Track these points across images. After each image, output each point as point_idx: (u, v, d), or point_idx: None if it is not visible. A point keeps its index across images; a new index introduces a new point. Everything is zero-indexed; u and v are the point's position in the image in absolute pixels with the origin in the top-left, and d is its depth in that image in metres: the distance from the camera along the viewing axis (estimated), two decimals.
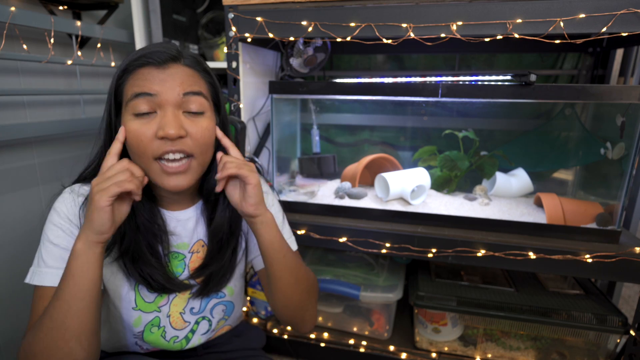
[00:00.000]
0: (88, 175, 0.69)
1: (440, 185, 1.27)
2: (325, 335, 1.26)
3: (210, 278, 0.73)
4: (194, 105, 0.62)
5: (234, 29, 1.07)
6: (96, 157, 0.68)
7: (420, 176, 1.21)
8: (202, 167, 0.65)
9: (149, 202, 0.67)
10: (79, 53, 1.27)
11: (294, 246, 0.79)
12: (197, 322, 0.75)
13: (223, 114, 0.69)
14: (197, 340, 0.76)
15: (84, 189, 0.66)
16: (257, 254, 0.80)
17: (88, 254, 0.55)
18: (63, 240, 0.62)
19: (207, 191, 0.71)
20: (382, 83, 1.07)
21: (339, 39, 1.00)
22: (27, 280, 0.62)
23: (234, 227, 0.73)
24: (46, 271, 0.61)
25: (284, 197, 1.25)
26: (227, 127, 0.71)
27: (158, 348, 0.74)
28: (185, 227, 0.71)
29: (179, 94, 0.60)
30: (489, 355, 1.15)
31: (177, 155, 0.61)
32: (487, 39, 0.93)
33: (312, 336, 1.26)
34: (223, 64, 1.19)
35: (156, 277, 0.66)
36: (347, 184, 1.25)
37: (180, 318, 0.73)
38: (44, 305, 0.59)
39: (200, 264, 0.72)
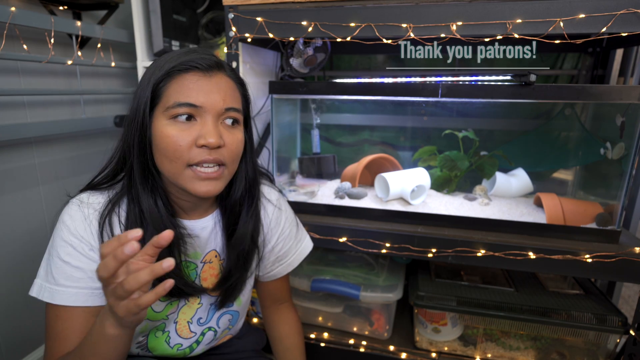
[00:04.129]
0: (104, 179, 0.67)
1: (440, 185, 1.27)
2: (325, 335, 1.26)
3: (229, 290, 0.73)
4: (232, 117, 0.63)
5: (234, 29, 1.07)
6: (111, 160, 0.66)
7: (420, 176, 1.21)
8: (231, 176, 0.66)
9: (167, 213, 0.66)
10: (79, 53, 1.27)
11: (309, 245, 0.86)
12: (202, 333, 0.75)
13: (250, 128, 0.70)
14: (200, 349, 0.76)
15: (93, 199, 0.64)
16: (267, 272, 0.81)
17: (122, 337, 0.52)
18: (74, 259, 0.60)
19: (230, 203, 0.71)
20: (382, 83, 1.07)
21: (339, 39, 1.00)
22: (35, 294, 0.61)
23: (255, 238, 0.74)
24: (58, 289, 0.60)
25: None
26: (253, 139, 0.72)
27: (161, 355, 0.74)
28: (200, 236, 0.71)
29: (222, 107, 0.60)
30: (489, 355, 1.15)
31: (212, 164, 0.61)
32: (487, 39, 0.93)
33: (312, 336, 1.26)
34: None
35: (175, 281, 0.65)
36: (347, 184, 1.25)
37: (187, 327, 0.72)
38: (62, 326, 0.60)
39: (222, 276, 0.72)
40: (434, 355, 1.17)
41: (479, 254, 1.00)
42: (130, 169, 0.63)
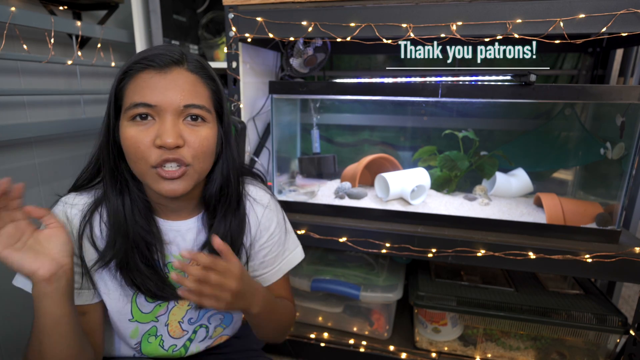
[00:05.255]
0: (83, 182, 0.67)
1: (440, 185, 1.27)
2: (325, 335, 1.26)
3: None
4: (193, 114, 0.60)
5: (234, 29, 1.07)
6: (92, 162, 0.66)
7: (420, 176, 1.21)
8: (200, 175, 0.63)
9: (144, 210, 0.65)
10: (79, 53, 1.27)
11: (299, 256, 0.81)
12: (194, 331, 0.74)
13: (226, 123, 0.67)
14: (195, 348, 0.75)
15: (79, 199, 0.65)
16: (256, 274, 0.79)
17: (43, 296, 0.54)
18: None
19: (207, 200, 0.69)
20: (382, 83, 1.07)
21: (339, 39, 1.00)
22: (21, 285, 0.63)
23: (235, 237, 0.71)
24: None
25: (284, 197, 1.25)
26: (230, 136, 0.68)
27: (158, 358, 0.74)
28: (185, 238, 0.70)
29: (179, 105, 0.58)
30: (489, 355, 1.15)
31: (174, 165, 0.59)
32: (487, 39, 0.93)
33: (312, 336, 1.26)
34: (223, 64, 1.19)
35: (149, 286, 0.65)
36: (347, 184, 1.25)
37: (178, 327, 0.72)
38: None
39: None
40: (434, 355, 1.17)
41: (479, 254, 1.00)
42: (104, 172, 0.64)
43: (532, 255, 0.97)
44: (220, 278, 0.57)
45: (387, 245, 1.06)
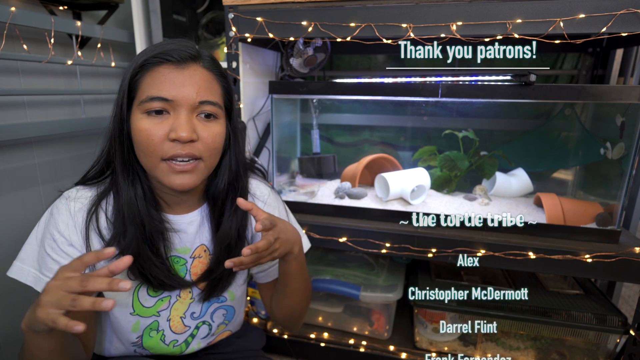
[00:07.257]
0: (92, 176, 0.68)
1: (440, 185, 1.27)
2: (325, 335, 1.26)
3: (214, 283, 0.72)
4: (207, 110, 0.62)
5: (234, 29, 1.07)
6: (102, 155, 0.67)
7: (420, 176, 1.21)
8: (209, 170, 0.65)
9: (153, 202, 0.66)
10: (79, 53, 1.27)
11: (305, 244, 0.83)
12: (197, 327, 0.75)
13: (234, 120, 0.69)
14: (196, 344, 0.76)
15: (82, 193, 0.66)
16: (260, 270, 0.80)
17: (36, 337, 0.52)
18: (53, 252, 0.62)
19: (214, 195, 0.70)
20: (382, 83, 1.07)
21: (339, 39, 1.00)
22: (15, 275, 0.64)
23: (242, 232, 0.73)
24: (42, 278, 0.63)
25: (284, 197, 1.25)
26: (237, 133, 0.70)
27: (158, 353, 0.74)
28: (187, 231, 0.71)
29: (195, 100, 0.59)
30: (489, 355, 1.15)
31: (186, 159, 0.60)
32: (487, 39, 0.93)
33: (312, 336, 1.26)
34: (223, 64, 1.18)
35: (156, 274, 0.66)
36: (347, 184, 1.25)
37: (180, 322, 0.73)
38: None
39: (206, 269, 0.71)
40: (434, 355, 1.17)
41: (479, 254, 1.00)
42: (115, 163, 0.64)
43: (532, 255, 0.97)
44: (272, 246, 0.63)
45: (387, 245, 1.06)
